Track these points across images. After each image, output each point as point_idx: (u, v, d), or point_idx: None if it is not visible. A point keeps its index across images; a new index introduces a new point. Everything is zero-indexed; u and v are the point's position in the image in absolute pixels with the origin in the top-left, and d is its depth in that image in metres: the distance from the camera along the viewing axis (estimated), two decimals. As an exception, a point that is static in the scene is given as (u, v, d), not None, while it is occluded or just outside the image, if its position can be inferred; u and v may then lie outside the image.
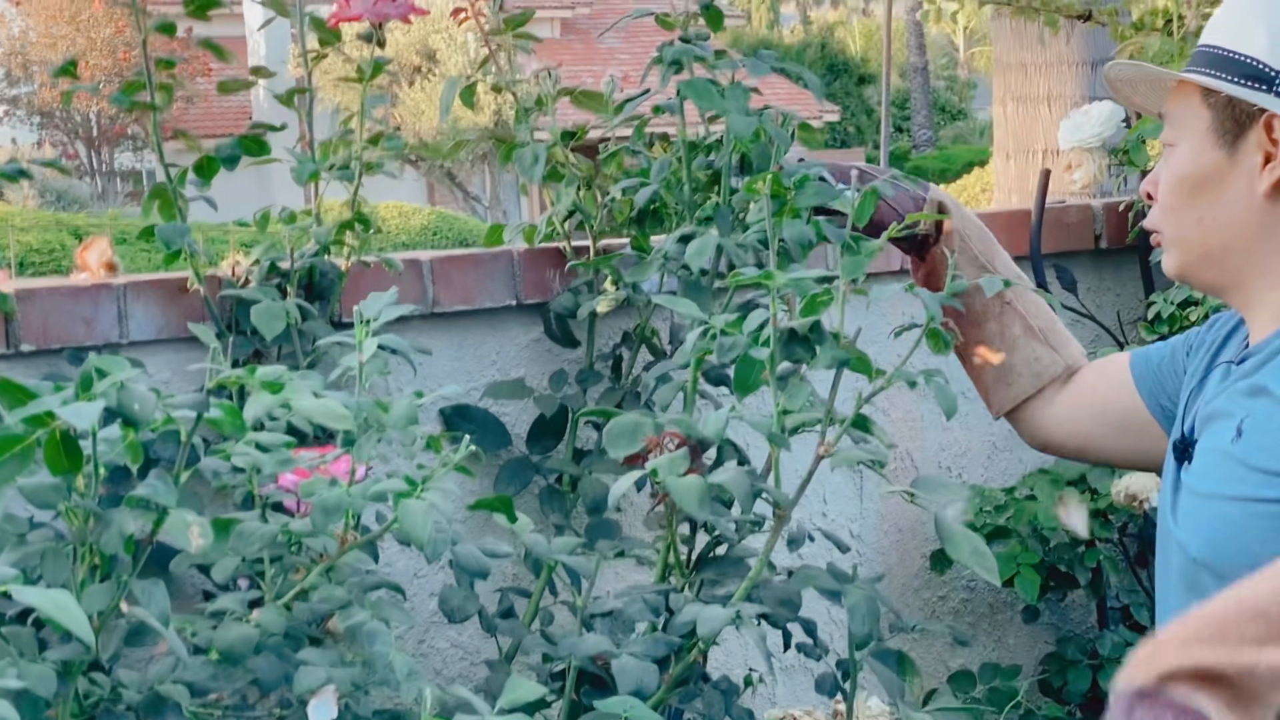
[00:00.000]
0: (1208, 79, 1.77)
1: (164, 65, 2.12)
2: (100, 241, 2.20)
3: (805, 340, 1.89)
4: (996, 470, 2.94)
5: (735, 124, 2.14)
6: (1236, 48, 1.75)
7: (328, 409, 1.57)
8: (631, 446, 1.93)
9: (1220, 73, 1.76)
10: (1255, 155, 1.74)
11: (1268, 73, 1.73)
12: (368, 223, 2.23)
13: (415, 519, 1.65)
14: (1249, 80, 1.74)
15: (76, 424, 1.43)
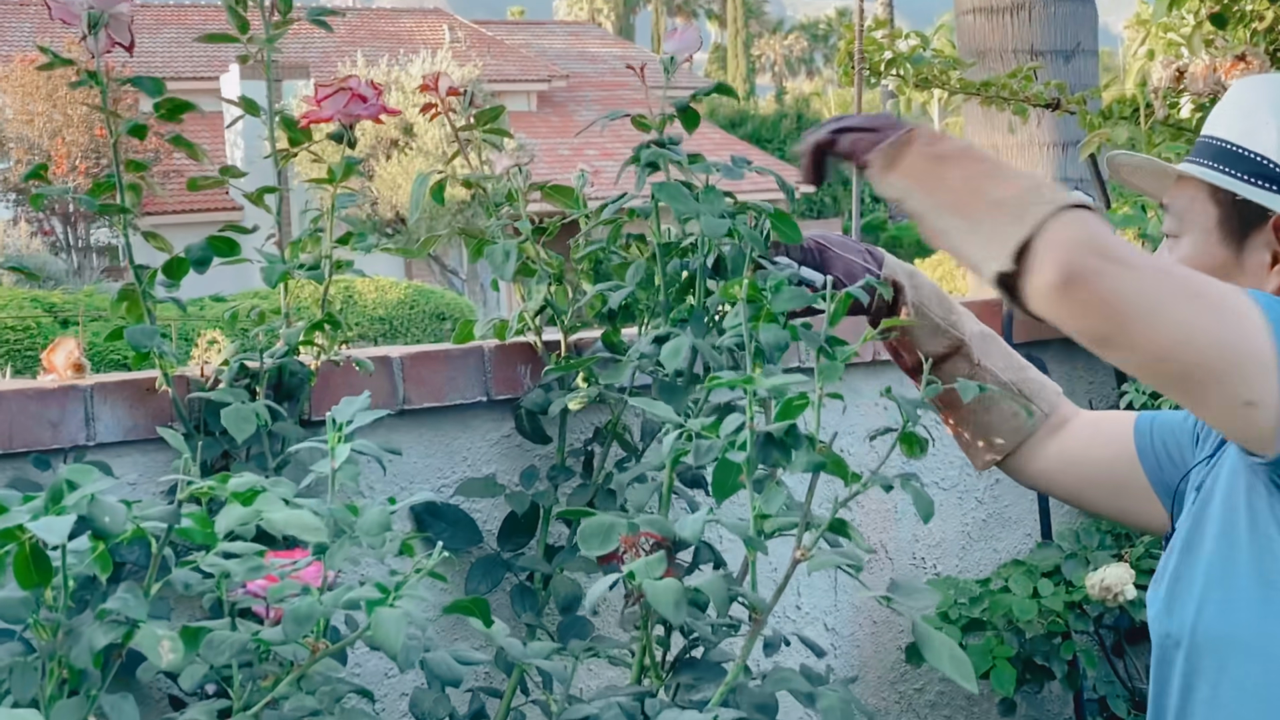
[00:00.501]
0: (1218, 176, 1.77)
1: (134, 167, 2.11)
2: (67, 342, 2.19)
3: (781, 444, 1.89)
4: (971, 561, 2.93)
5: (709, 227, 2.14)
6: (1246, 144, 1.75)
7: (300, 521, 1.56)
8: (605, 547, 1.93)
9: (1229, 168, 1.76)
10: (1263, 254, 1.74)
11: (1277, 172, 1.73)
12: (337, 323, 2.23)
13: (388, 628, 1.63)
14: (1259, 179, 1.74)
15: (47, 539, 1.42)
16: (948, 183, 1.70)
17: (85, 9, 2.03)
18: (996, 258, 1.58)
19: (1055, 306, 1.54)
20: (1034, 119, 4.02)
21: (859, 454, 2.72)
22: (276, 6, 2.29)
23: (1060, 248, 1.53)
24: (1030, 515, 3.01)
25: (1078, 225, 1.55)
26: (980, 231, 1.63)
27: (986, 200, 1.65)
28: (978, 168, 1.69)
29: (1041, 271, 1.53)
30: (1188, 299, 1.51)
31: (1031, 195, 1.59)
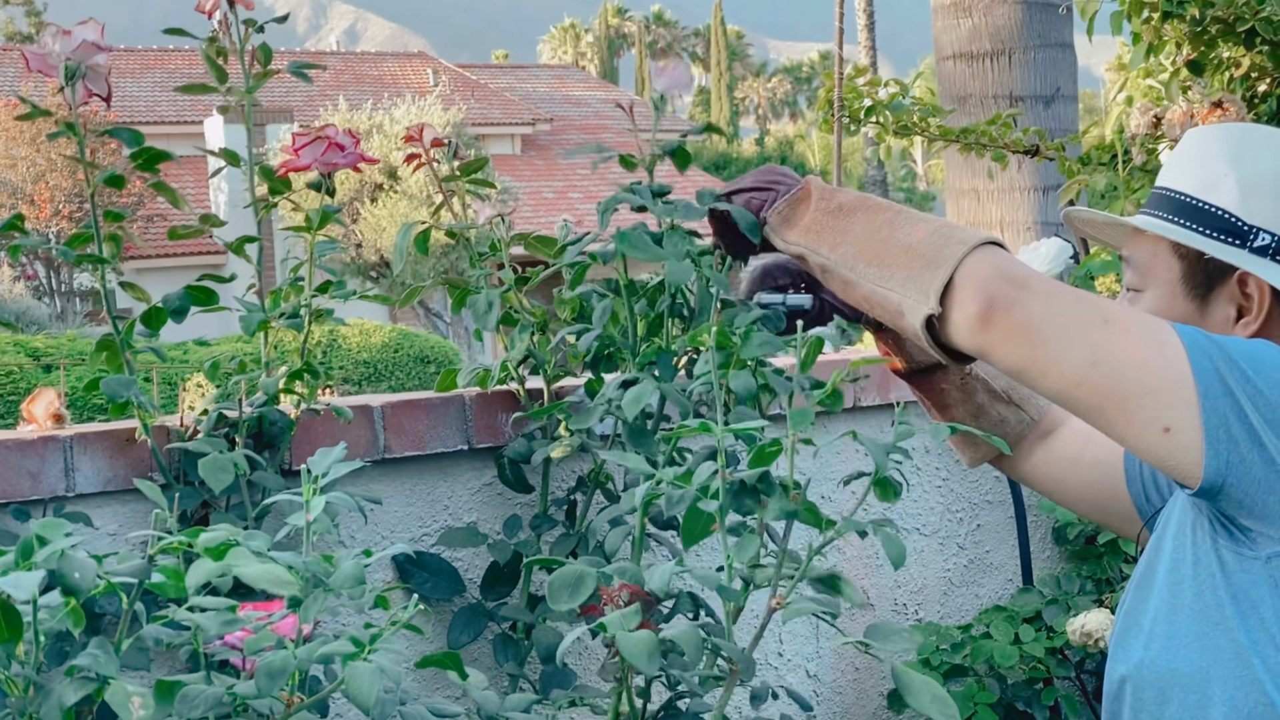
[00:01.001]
0: (1182, 232, 1.76)
1: (112, 217, 2.11)
2: (47, 393, 2.19)
3: (755, 491, 1.89)
4: (953, 607, 2.93)
5: (674, 272, 2.14)
6: (1206, 198, 1.75)
7: (271, 575, 1.55)
8: (574, 599, 1.92)
9: (1190, 223, 1.75)
10: (1227, 308, 1.73)
11: (1240, 227, 1.72)
12: (316, 372, 2.23)
13: (362, 682, 1.62)
14: (1222, 234, 1.73)
15: (15, 595, 1.42)
16: (852, 234, 1.77)
17: (62, 61, 2.03)
18: (921, 302, 1.65)
19: (977, 337, 1.61)
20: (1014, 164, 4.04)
21: (838, 499, 2.72)
22: (256, 57, 2.29)
23: (978, 281, 1.60)
24: (1012, 561, 3.01)
25: (991, 259, 1.62)
26: (894, 278, 1.70)
27: (896, 247, 1.71)
28: (879, 216, 1.76)
29: (964, 306, 1.61)
30: (1100, 323, 1.55)
31: (942, 237, 1.66)
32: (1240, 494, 1.54)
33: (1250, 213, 1.72)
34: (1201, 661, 1.64)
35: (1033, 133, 3.54)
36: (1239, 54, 3.19)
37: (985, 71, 6.92)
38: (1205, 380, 1.52)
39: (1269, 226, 1.72)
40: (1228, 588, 1.62)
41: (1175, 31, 3.15)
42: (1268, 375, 1.54)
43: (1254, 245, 1.72)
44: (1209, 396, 1.52)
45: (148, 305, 2.16)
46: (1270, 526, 1.56)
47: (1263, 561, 1.58)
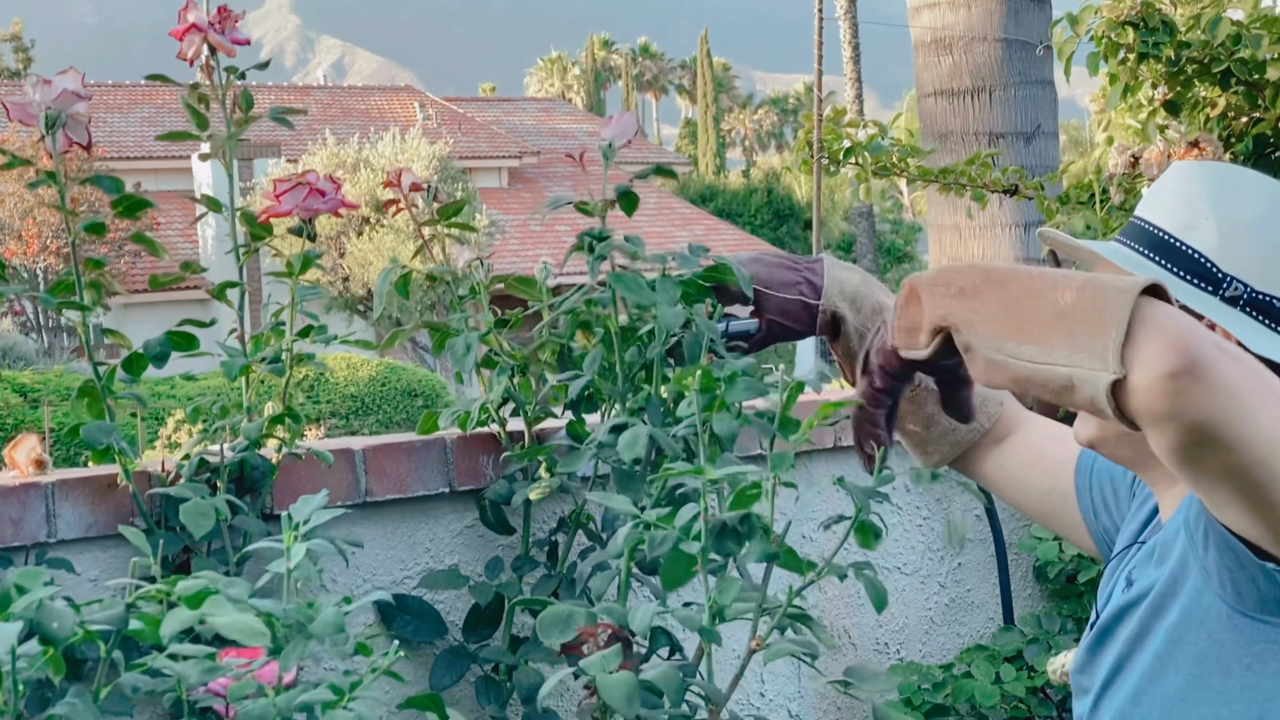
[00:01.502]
0: (1151, 265, 1.70)
1: (93, 265, 2.12)
2: (29, 439, 2.19)
3: (736, 533, 1.90)
4: (935, 646, 2.94)
5: (665, 316, 2.16)
6: (1184, 238, 1.68)
7: (244, 625, 1.56)
8: (564, 636, 1.94)
9: (1164, 261, 1.69)
10: None
11: (1214, 273, 1.65)
12: (298, 417, 2.23)
13: (342, 730, 1.63)
14: (1194, 277, 1.67)
15: (-6, 646, 1.42)
16: (985, 314, 1.52)
17: (43, 110, 2.04)
18: (1099, 369, 1.39)
19: (1170, 400, 1.35)
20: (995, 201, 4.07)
21: (819, 540, 2.73)
22: (238, 103, 2.31)
23: (1169, 333, 1.36)
24: (993, 600, 3.02)
25: (1169, 309, 1.39)
26: (1057, 350, 1.44)
27: (1046, 316, 1.46)
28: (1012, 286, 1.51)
29: (1153, 363, 1.36)
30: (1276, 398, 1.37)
31: (1096, 293, 1.42)
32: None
33: (1226, 260, 1.65)
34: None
35: (1011, 172, 3.56)
36: (1215, 94, 3.22)
37: (966, 109, 6.95)
38: None
39: (1243, 276, 1.65)
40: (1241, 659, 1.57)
41: (1151, 72, 3.17)
42: None
43: (1225, 294, 1.65)
44: None
45: (128, 349, 2.17)
46: None
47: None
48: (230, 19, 2.25)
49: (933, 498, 2.97)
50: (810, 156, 3.68)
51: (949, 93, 7.00)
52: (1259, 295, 1.64)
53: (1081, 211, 3.14)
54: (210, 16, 2.23)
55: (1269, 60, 3.11)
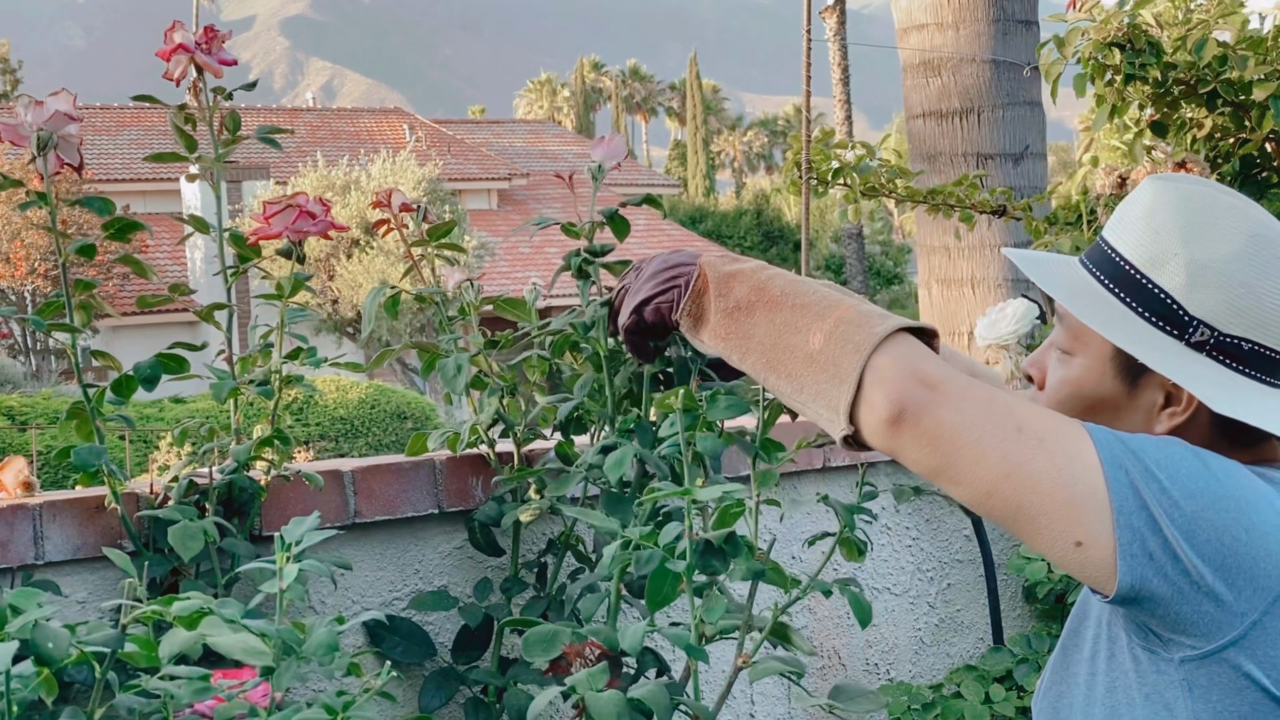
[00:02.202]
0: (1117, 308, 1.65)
1: (83, 287, 2.12)
2: (16, 461, 2.19)
3: (720, 552, 1.90)
4: (924, 666, 2.94)
5: None
6: (1150, 274, 1.63)
7: (245, 645, 1.56)
8: (548, 655, 1.95)
9: (1130, 299, 1.64)
10: (1156, 394, 1.63)
11: (1182, 318, 1.61)
12: (286, 439, 2.23)
13: (333, 751, 1.63)
14: (1161, 321, 1.63)
15: (-10, 665, 1.42)
16: (755, 340, 1.72)
17: (35, 131, 2.05)
18: (833, 422, 1.60)
19: (889, 441, 1.55)
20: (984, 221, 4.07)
21: (807, 560, 2.73)
22: (225, 124, 2.31)
23: (887, 384, 1.55)
24: (982, 620, 3.02)
25: (899, 358, 1.57)
26: (804, 392, 1.65)
27: (798, 358, 1.66)
28: (777, 316, 1.70)
29: (874, 410, 1.56)
30: (1014, 432, 1.50)
31: (839, 343, 1.61)
32: (1154, 605, 1.50)
33: (1193, 302, 1.60)
34: None
35: (999, 193, 3.57)
36: (1201, 115, 3.23)
37: (955, 130, 6.97)
38: (1120, 494, 1.48)
39: (1210, 319, 1.61)
40: (1140, 687, 1.58)
41: (1138, 93, 3.18)
42: (1183, 485, 1.49)
43: (1191, 340, 1.61)
44: (1123, 511, 1.47)
45: (118, 371, 2.17)
46: (1183, 634, 1.52)
47: (1176, 664, 1.54)
48: (217, 40, 2.26)
49: (922, 518, 2.97)
50: (799, 177, 3.69)
51: (937, 114, 7.02)
52: (1225, 338, 1.61)
53: (1069, 232, 3.15)
54: (197, 36, 2.24)
55: (1255, 81, 3.11)
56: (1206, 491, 1.49)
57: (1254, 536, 1.49)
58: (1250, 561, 1.49)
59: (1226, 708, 1.53)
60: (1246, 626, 1.50)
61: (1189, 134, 3.22)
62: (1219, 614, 1.49)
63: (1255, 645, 1.51)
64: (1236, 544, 1.48)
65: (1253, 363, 1.61)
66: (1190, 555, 1.48)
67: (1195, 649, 1.52)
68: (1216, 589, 1.48)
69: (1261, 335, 1.60)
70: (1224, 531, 1.48)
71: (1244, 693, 1.52)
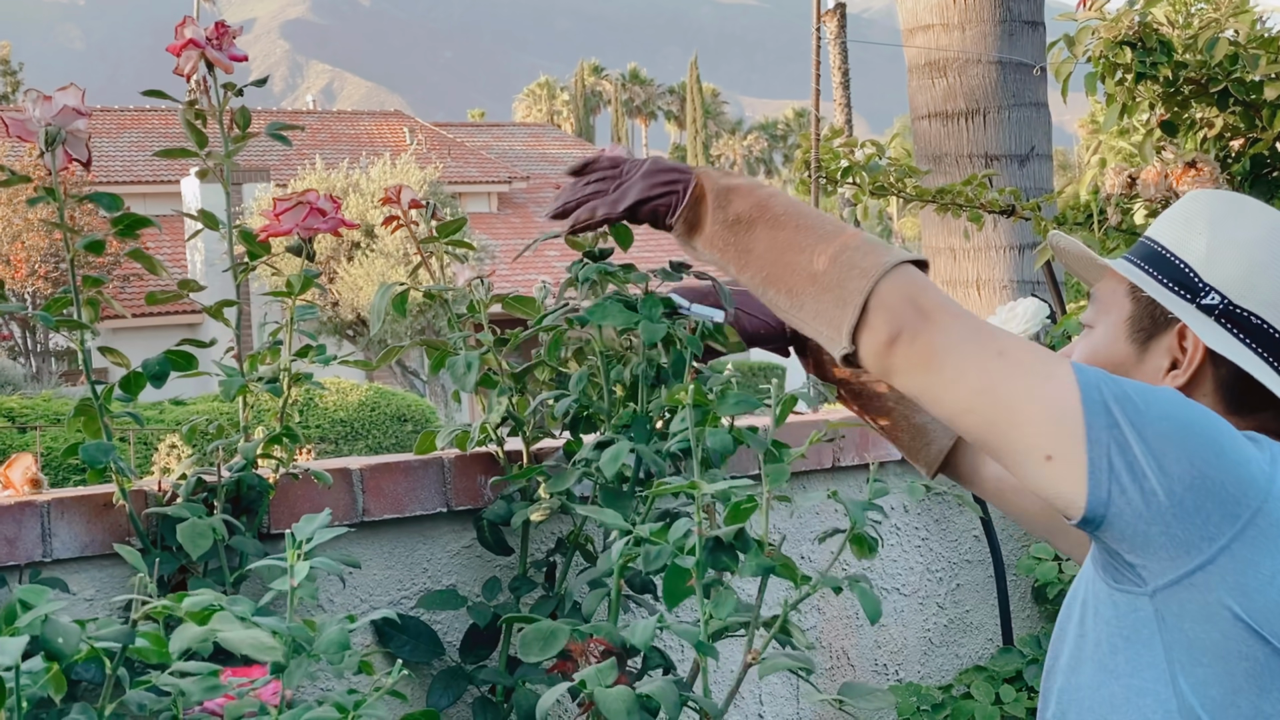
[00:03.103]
0: (1137, 274, 1.79)
1: (91, 283, 2.11)
2: (24, 458, 2.18)
3: (730, 548, 1.89)
4: (933, 667, 2.92)
5: (647, 332, 2.15)
6: (1174, 249, 1.77)
7: (256, 641, 1.54)
8: (546, 652, 1.94)
9: (1152, 270, 1.78)
10: (1163, 358, 1.75)
11: (1195, 282, 1.74)
12: (295, 436, 2.22)
13: (345, 749, 1.62)
14: (1176, 285, 1.76)
15: (0, 660, 1.40)
16: (755, 254, 1.81)
17: (43, 126, 2.03)
18: (834, 340, 1.70)
19: (881, 362, 1.67)
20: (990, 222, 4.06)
21: (817, 559, 2.72)
22: (235, 121, 2.30)
23: (887, 309, 1.67)
24: (992, 620, 3.01)
25: (902, 286, 1.68)
26: (805, 309, 1.75)
27: (801, 275, 1.75)
28: (780, 234, 1.79)
29: (873, 333, 1.67)
30: (995, 354, 1.61)
31: (844, 267, 1.71)
32: (1121, 525, 1.56)
33: (1210, 272, 1.74)
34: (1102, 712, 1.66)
35: (1008, 193, 3.56)
36: (1212, 114, 3.22)
37: (960, 131, 6.95)
38: (1092, 411, 1.56)
39: (1222, 288, 1.73)
40: (1120, 630, 1.64)
41: (1149, 92, 3.17)
42: (1158, 409, 1.57)
43: (1201, 302, 1.74)
44: (1094, 427, 1.55)
45: (125, 368, 2.16)
46: (1152, 560, 1.57)
47: (1148, 597, 1.60)
48: (227, 35, 2.24)
49: (931, 519, 2.96)
50: (808, 176, 3.68)
51: (943, 115, 7.00)
52: (1235, 309, 1.73)
53: (1078, 232, 3.14)
54: (207, 32, 2.23)
55: (1266, 80, 3.11)
56: (1179, 416, 1.57)
57: (1224, 463, 1.56)
58: (1219, 486, 1.55)
59: (1198, 635, 1.58)
60: (1215, 551, 1.56)
61: (1199, 133, 3.22)
62: (1187, 536, 1.55)
63: (1225, 571, 1.56)
64: (1207, 467, 1.55)
65: (1258, 338, 1.72)
66: (1159, 476, 1.54)
67: (1164, 576, 1.57)
68: (1185, 510, 1.54)
69: (1271, 314, 1.71)
70: (1195, 455, 1.55)
71: (1215, 620, 1.57)
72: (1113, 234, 3.10)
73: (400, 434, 19.86)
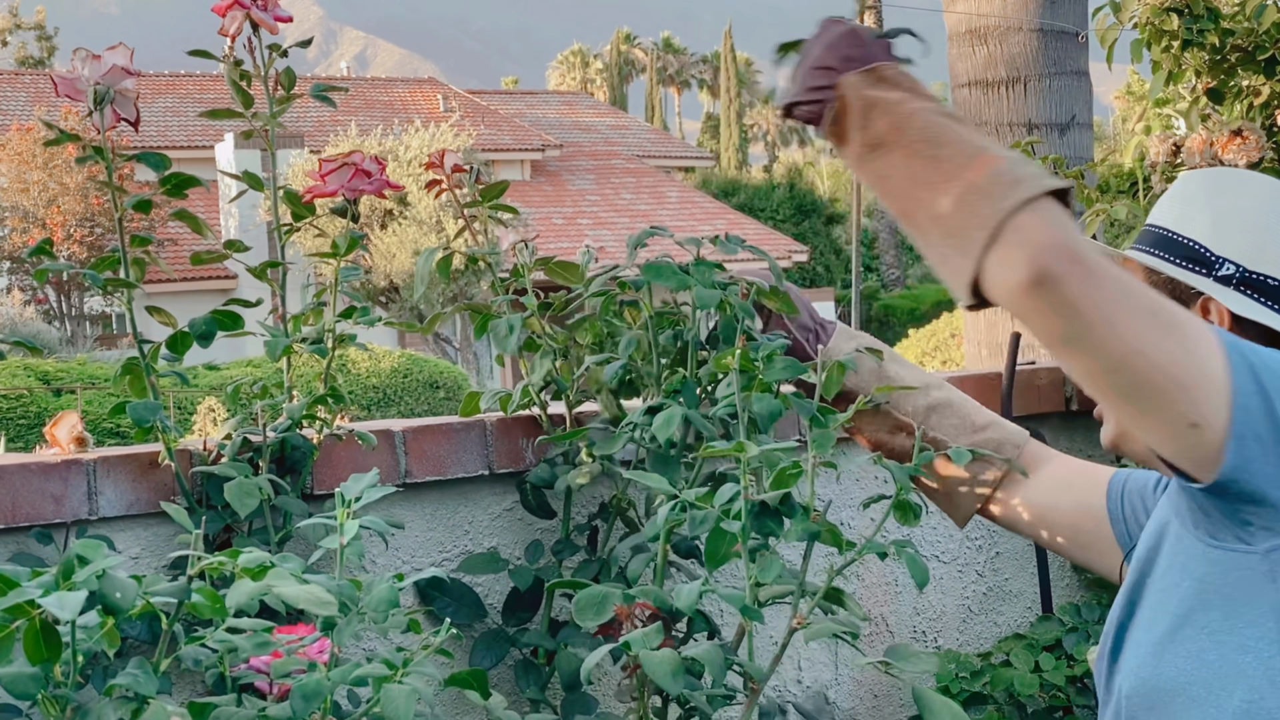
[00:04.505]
0: (1151, 259, 1.84)
1: (138, 242, 2.12)
2: (70, 416, 2.19)
3: (776, 513, 1.90)
4: (972, 634, 2.92)
5: (701, 298, 2.16)
6: (1180, 230, 1.83)
7: (312, 596, 1.56)
8: (599, 617, 1.94)
9: (1163, 253, 1.84)
10: None
11: (1207, 256, 1.81)
12: (340, 397, 2.23)
13: (398, 704, 1.64)
14: (1189, 262, 1.82)
15: (59, 615, 1.42)
16: (891, 182, 1.65)
17: (92, 85, 2.04)
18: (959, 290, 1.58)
19: (1020, 303, 1.53)
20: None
21: (858, 525, 2.72)
22: (280, 82, 2.30)
23: (1032, 246, 1.51)
24: (1031, 589, 3.01)
25: (1046, 222, 1.53)
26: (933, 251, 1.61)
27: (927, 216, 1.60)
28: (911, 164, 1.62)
29: (1010, 268, 1.52)
30: (1148, 313, 1.52)
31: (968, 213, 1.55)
32: (1252, 488, 1.56)
33: (1219, 244, 1.80)
34: (1195, 672, 1.65)
35: (1050, 160, 3.54)
36: (1259, 82, 3.20)
37: (1000, 99, 6.92)
38: (1240, 379, 1.53)
39: (1234, 257, 1.79)
40: (1219, 589, 1.64)
41: (1195, 60, 3.16)
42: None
43: (1218, 274, 1.80)
44: (1241, 393, 1.53)
45: (172, 328, 2.17)
46: (1274, 519, 1.58)
47: (1261, 555, 1.60)
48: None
49: (971, 486, 2.96)
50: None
51: (983, 83, 6.97)
52: (1251, 274, 1.79)
53: (1122, 200, 3.13)
54: (252, -8, 2.23)
55: (1314, 49, 3.09)
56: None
57: None
58: None
59: None
60: None
61: (1245, 101, 3.20)
62: None
63: None
64: None
65: (1277, 298, 1.78)
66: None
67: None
68: None
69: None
70: None
71: None
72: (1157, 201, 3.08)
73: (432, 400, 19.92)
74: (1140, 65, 3.31)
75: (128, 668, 1.53)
